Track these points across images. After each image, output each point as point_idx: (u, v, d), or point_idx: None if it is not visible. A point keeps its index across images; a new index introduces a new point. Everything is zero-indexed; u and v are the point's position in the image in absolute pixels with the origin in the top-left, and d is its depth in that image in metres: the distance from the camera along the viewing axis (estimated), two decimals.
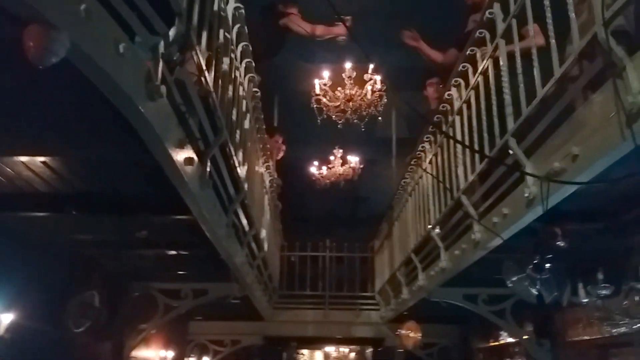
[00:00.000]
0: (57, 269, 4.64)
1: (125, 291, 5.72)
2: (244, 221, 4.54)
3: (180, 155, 2.51)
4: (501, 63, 3.09)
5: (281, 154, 7.18)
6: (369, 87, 6.04)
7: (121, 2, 1.71)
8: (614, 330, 3.80)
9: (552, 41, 2.39)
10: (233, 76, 3.47)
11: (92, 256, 5.01)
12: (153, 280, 5.80)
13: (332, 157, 8.73)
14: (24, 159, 2.77)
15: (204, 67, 2.48)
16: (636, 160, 1.99)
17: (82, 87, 1.82)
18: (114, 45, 1.68)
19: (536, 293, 3.67)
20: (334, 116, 6.17)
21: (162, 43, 1.97)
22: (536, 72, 2.58)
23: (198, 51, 2.35)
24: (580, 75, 2.30)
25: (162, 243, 4.67)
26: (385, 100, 6.02)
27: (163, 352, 7.38)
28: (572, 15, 2.22)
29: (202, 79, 2.51)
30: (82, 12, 1.51)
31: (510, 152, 2.96)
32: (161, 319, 5.75)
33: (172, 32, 1.99)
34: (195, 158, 2.75)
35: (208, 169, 2.98)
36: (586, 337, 4.58)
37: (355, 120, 6.11)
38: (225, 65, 3.11)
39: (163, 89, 1.98)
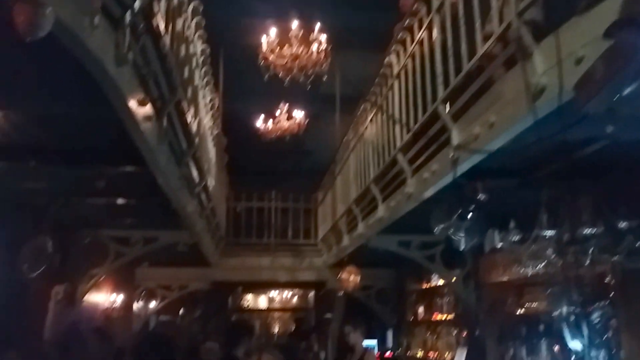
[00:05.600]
0: (8, 216, 4.72)
1: (76, 238, 5.84)
2: (195, 173, 4.76)
3: (141, 112, 2.71)
4: (434, 36, 3.41)
5: None
6: (314, 46, 6.23)
7: None
8: (528, 272, 4.42)
9: (477, 24, 2.72)
10: (185, 35, 3.62)
11: (40, 205, 5.08)
12: (103, 228, 5.94)
13: (277, 112, 8.88)
14: None
15: (163, 32, 2.65)
16: (544, 127, 2.37)
17: (48, 49, 1.99)
18: (90, 18, 1.86)
19: (460, 239, 4.18)
20: (280, 73, 6.34)
21: (128, 13, 2.14)
22: (464, 48, 2.92)
23: (159, 17, 2.52)
24: (498, 55, 2.65)
25: (113, 192, 4.82)
26: (330, 60, 6.24)
27: (113, 297, 7.63)
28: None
29: (161, 42, 2.69)
30: None
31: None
32: (111, 265, 5.95)
33: (137, 4, 2.16)
34: (154, 115, 2.96)
35: (164, 125, 3.19)
36: (505, 279, 5.20)
37: (301, 79, 6.30)
38: (179, 26, 3.27)
39: (130, 55, 2.17)
